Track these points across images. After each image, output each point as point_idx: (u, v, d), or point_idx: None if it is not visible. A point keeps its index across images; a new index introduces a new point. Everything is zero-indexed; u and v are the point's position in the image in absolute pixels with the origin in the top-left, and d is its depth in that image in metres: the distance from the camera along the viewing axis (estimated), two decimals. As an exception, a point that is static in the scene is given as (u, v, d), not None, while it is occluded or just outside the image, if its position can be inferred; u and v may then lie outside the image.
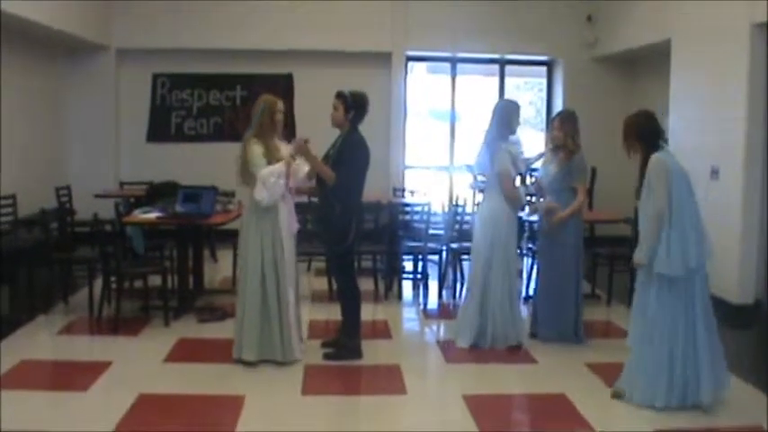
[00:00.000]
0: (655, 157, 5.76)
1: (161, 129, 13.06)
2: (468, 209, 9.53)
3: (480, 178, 8.30)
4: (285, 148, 6.62)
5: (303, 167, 6.65)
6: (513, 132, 7.26)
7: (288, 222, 6.65)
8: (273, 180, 6.37)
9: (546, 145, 7.92)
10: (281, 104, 6.71)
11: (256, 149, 6.47)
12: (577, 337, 7.36)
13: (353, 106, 6.64)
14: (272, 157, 6.47)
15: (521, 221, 8.80)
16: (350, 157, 6.59)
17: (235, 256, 9.18)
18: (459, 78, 13.57)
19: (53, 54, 11.96)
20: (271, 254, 6.55)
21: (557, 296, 7.31)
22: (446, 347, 7.34)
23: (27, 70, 11.03)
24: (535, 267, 8.41)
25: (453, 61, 13.46)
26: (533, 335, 7.45)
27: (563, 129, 7.31)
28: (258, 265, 6.53)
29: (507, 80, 13.73)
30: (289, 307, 6.64)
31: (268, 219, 6.54)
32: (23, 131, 10.87)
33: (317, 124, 6.98)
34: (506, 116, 7.15)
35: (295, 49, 12.63)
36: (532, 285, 8.54)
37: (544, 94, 13.83)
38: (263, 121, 6.57)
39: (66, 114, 12.46)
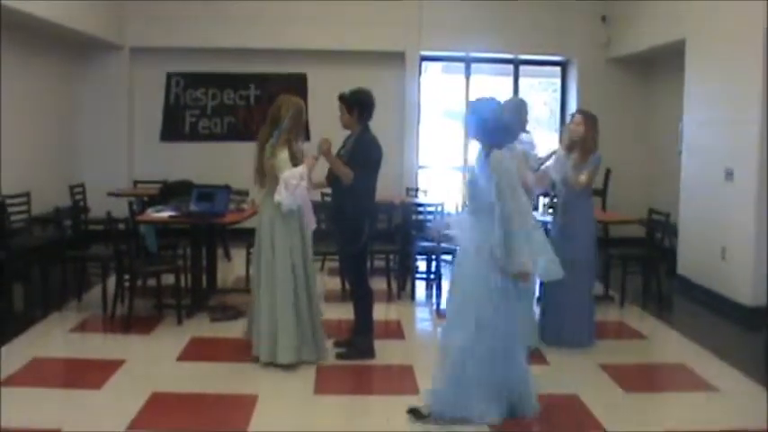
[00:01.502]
0: (500, 154, 5.29)
1: (175, 128, 13.10)
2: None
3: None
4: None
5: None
6: (522, 130, 7.21)
7: (308, 220, 6.69)
8: (295, 182, 6.33)
9: (560, 142, 7.84)
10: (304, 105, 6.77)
11: (284, 154, 6.43)
12: (590, 342, 7.31)
13: (354, 104, 6.64)
14: (297, 161, 6.46)
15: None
16: (363, 156, 6.58)
17: (248, 255, 9.20)
18: (473, 78, 13.54)
19: (67, 53, 12.00)
20: (300, 254, 6.57)
21: (569, 297, 7.18)
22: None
23: (41, 69, 11.07)
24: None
25: (467, 61, 13.44)
26: (544, 340, 7.32)
27: (585, 124, 7.22)
28: (288, 266, 6.50)
29: (521, 80, 13.71)
30: (319, 307, 6.73)
31: (296, 218, 6.54)
32: (38, 130, 10.92)
33: (330, 124, 6.97)
34: (514, 114, 7.08)
35: (309, 49, 12.64)
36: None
37: (558, 95, 13.79)
38: (294, 124, 6.58)
39: (80, 113, 12.50)
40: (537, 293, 8.87)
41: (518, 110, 7.14)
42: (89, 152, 12.57)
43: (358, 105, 6.65)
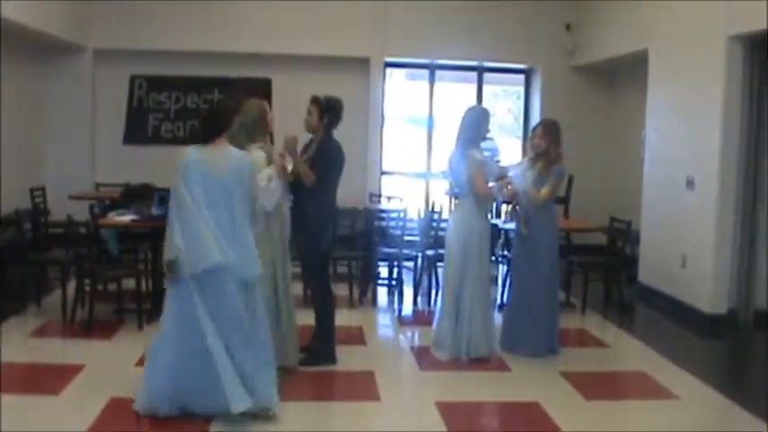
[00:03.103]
0: (184, 151, 5.53)
1: (138, 131, 12.97)
2: (445, 215, 9.53)
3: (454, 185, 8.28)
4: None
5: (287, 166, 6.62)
6: (483, 138, 7.22)
7: None
8: (264, 184, 6.28)
9: (526, 154, 7.87)
10: (268, 107, 6.71)
11: (259, 157, 6.37)
12: (552, 351, 7.34)
13: (328, 110, 6.65)
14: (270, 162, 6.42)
15: (496, 228, 8.81)
16: (326, 161, 6.58)
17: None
18: (437, 85, 13.57)
19: (29, 54, 11.83)
20: (281, 260, 6.51)
21: (531, 307, 7.22)
22: (420, 354, 7.33)
23: (1, 69, 10.92)
24: (509, 276, 8.39)
25: (432, 68, 13.47)
26: (506, 348, 7.35)
27: (545, 137, 7.26)
28: (270, 272, 6.41)
29: (485, 88, 13.73)
30: (293, 312, 6.64)
31: (276, 222, 6.49)
32: (-2, 131, 10.79)
33: (295, 129, 6.95)
34: (476, 123, 7.10)
35: (274, 54, 12.58)
36: (507, 293, 8.54)
37: (522, 102, 13.85)
38: (257, 127, 6.53)
39: (41, 115, 12.34)
40: (499, 301, 8.97)
41: (481, 119, 7.16)
42: (50, 154, 12.41)
43: (330, 113, 6.65)
